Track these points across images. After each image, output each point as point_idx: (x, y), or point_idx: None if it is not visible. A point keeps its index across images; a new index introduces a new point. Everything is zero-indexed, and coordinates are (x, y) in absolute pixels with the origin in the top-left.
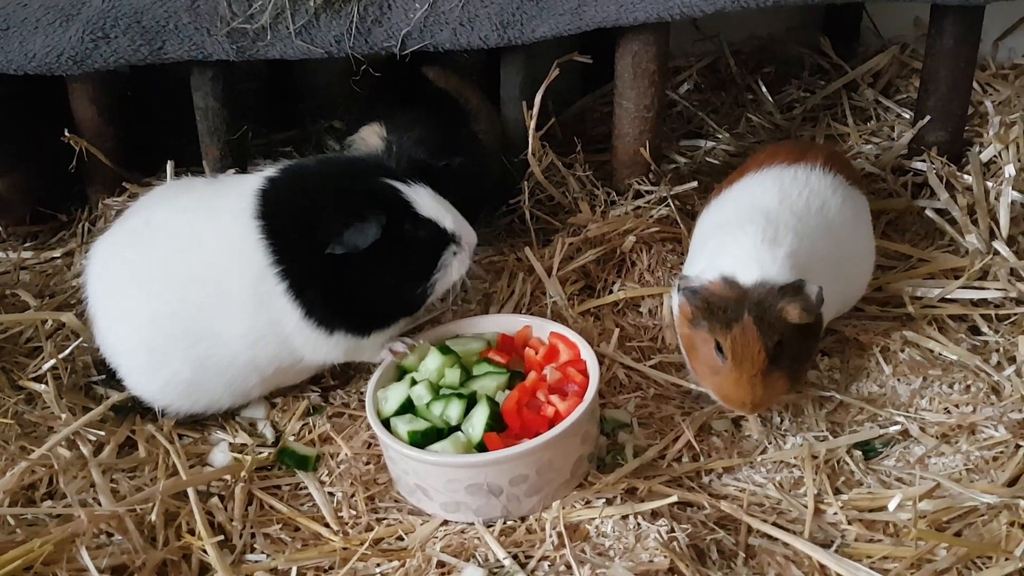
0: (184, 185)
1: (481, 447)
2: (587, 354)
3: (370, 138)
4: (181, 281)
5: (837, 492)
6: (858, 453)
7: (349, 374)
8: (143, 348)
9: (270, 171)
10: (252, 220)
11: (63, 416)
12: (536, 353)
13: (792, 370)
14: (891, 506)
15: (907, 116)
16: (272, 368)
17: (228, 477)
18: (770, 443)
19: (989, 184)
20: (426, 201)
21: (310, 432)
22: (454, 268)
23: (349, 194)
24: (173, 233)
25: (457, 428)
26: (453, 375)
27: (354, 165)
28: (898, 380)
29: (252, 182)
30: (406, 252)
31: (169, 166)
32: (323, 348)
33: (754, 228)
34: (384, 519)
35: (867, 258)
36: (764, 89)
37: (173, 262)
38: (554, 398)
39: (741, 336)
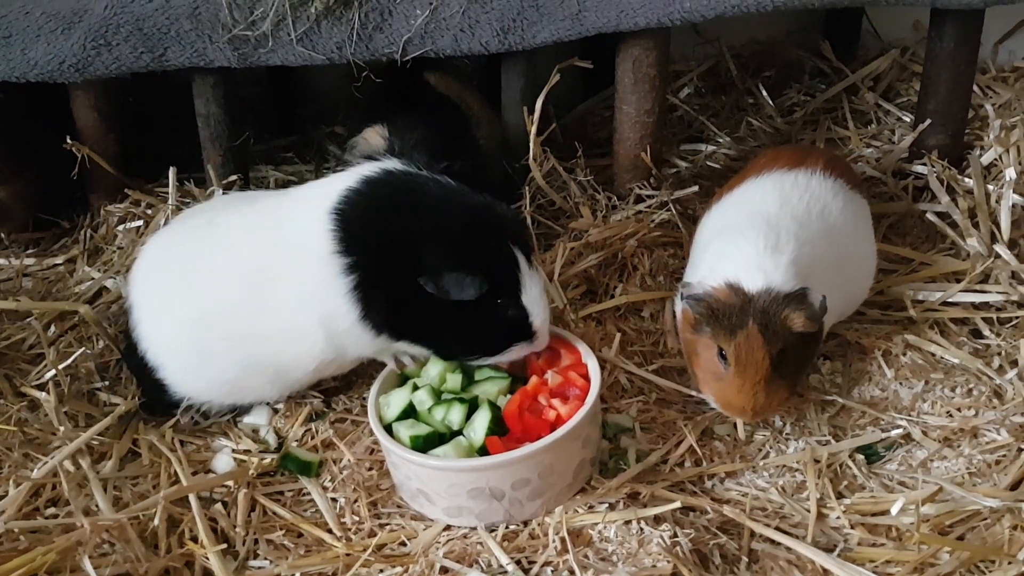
0: (258, 193)
1: (483, 451)
2: (588, 358)
3: (372, 139)
4: (230, 278)
5: (840, 496)
6: (860, 457)
7: (351, 379)
8: (190, 346)
9: (366, 169)
10: (326, 214)
11: (61, 428)
12: (538, 357)
13: (792, 378)
14: (894, 510)
15: (907, 119)
16: (315, 363)
17: (231, 483)
18: (772, 448)
19: (990, 187)
20: (534, 291)
21: (312, 438)
22: (511, 355)
23: (472, 244)
24: (227, 231)
25: (459, 433)
26: (455, 380)
27: (490, 212)
28: (900, 384)
29: (341, 180)
30: (484, 324)
31: (171, 172)
32: (365, 345)
33: (756, 234)
34: (387, 524)
35: (869, 262)
36: (764, 93)
37: (222, 259)
38: (556, 402)
39: (745, 343)
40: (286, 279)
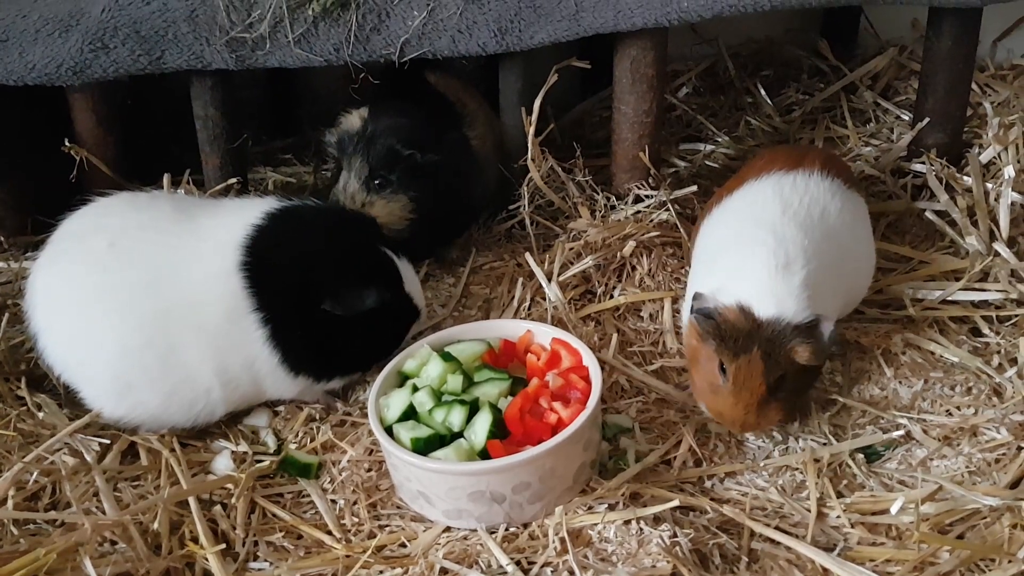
0: (146, 203)
1: (484, 454)
2: (589, 360)
3: (351, 120)
4: (155, 315)
5: (839, 495)
6: (860, 456)
7: (350, 382)
8: (110, 376)
9: (256, 214)
10: (237, 271)
11: (58, 426)
12: (538, 359)
13: (788, 401)
14: (893, 509)
15: (906, 118)
16: (237, 397)
17: (230, 485)
18: (772, 448)
19: (989, 185)
20: (409, 276)
21: (312, 440)
22: (407, 338)
23: (354, 260)
24: (147, 263)
25: (460, 435)
26: (455, 382)
27: (355, 225)
28: (899, 382)
29: (237, 226)
30: (385, 322)
31: (165, 179)
32: (283, 386)
33: (766, 252)
34: (386, 526)
35: (867, 261)
36: (763, 92)
37: (148, 295)
38: (557, 405)
39: (746, 367)
40: (204, 324)
